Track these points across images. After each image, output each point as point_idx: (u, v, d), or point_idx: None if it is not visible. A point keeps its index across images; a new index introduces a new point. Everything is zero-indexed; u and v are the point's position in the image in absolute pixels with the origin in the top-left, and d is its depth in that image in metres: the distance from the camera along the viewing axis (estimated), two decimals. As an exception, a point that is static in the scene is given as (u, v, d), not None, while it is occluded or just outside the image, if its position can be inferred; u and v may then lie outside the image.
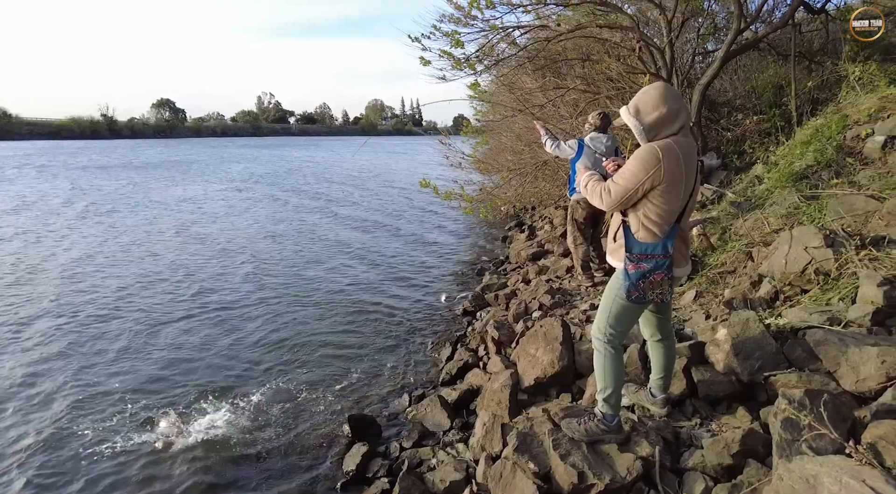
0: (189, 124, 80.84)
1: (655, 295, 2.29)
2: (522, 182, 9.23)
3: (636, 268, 2.28)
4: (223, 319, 5.97)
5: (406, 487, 2.89)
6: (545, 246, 7.61)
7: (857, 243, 3.19)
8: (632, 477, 2.34)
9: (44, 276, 7.50)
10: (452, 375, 4.36)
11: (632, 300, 2.34)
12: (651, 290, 2.28)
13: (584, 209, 5.06)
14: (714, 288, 4.06)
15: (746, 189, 5.50)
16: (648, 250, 2.27)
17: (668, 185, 2.17)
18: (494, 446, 3.03)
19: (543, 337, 3.61)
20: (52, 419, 3.94)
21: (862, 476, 1.68)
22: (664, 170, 2.14)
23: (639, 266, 2.28)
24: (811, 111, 6.15)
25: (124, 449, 3.60)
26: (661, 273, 2.25)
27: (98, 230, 10.72)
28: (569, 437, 2.58)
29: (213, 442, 3.67)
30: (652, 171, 2.16)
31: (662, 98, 2.18)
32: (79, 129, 59.96)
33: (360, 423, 3.67)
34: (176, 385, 4.46)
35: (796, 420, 2.08)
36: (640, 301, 2.33)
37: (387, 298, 6.76)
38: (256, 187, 18.99)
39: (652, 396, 2.79)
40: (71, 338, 5.37)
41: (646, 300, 2.31)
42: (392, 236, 10.72)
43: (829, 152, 4.76)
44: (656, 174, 2.15)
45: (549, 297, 5.03)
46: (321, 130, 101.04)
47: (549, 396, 3.46)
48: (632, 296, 2.32)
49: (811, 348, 2.62)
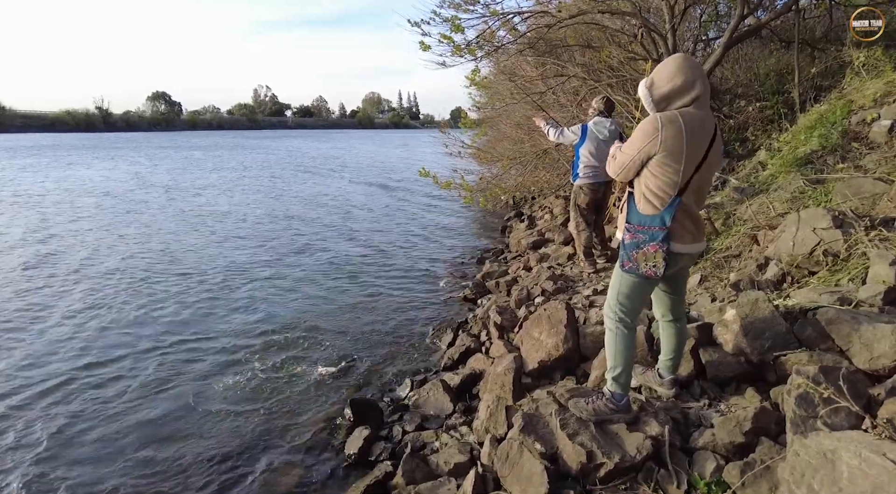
0: (185, 117, 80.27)
1: (648, 268, 2.25)
2: (522, 171, 9.18)
3: (632, 238, 2.28)
4: (219, 303, 5.91)
5: (409, 469, 2.85)
6: (545, 235, 7.56)
7: (866, 224, 3.15)
8: (641, 456, 2.30)
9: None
10: (454, 360, 4.31)
11: (624, 270, 2.33)
12: (644, 261, 2.24)
13: (586, 195, 5.01)
14: (719, 272, 4.02)
15: (750, 175, 5.46)
16: (645, 221, 2.24)
17: (666, 155, 2.13)
18: (499, 428, 2.98)
19: (548, 320, 3.56)
20: (60, 397, 3.90)
21: (882, 450, 1.64)
22: (661, 139, 2.11)
23: (635, 236, 2.27)
24: (814, 98, 6.10)
25: (124, 420, 3.58)
26: (655, 245, 2.21)
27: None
28: (576, 417, 2.53)
29: (215, 425, 3.63)
30: (648, 140, 2.14)
31: (679, 70, 2.14)
32: (73, 121, 59.52)
33: (361, 407, 3.62)
34: (172, 369, 4.41)
35: (811, 397, 2.04)
36: (633, 272, 2.29)
37: (386, 286, 6.71)
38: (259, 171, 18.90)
39: (660, 377, 2.75)
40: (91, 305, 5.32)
41: (638, 273, 2.28)
42: (391, 225, 10.66)
43: (834, 137, 4.72)
44: (652, 144, 2.13)
45: (552, 283, 4.99)
46: (318, 124, 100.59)
47: (553, 379, 3.42)
48: (624, 266, 2.32)
49: (822, 327, 2.57)
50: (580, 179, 5.01)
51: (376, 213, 12.15)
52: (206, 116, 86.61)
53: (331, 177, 19.86)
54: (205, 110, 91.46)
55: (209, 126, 78.72)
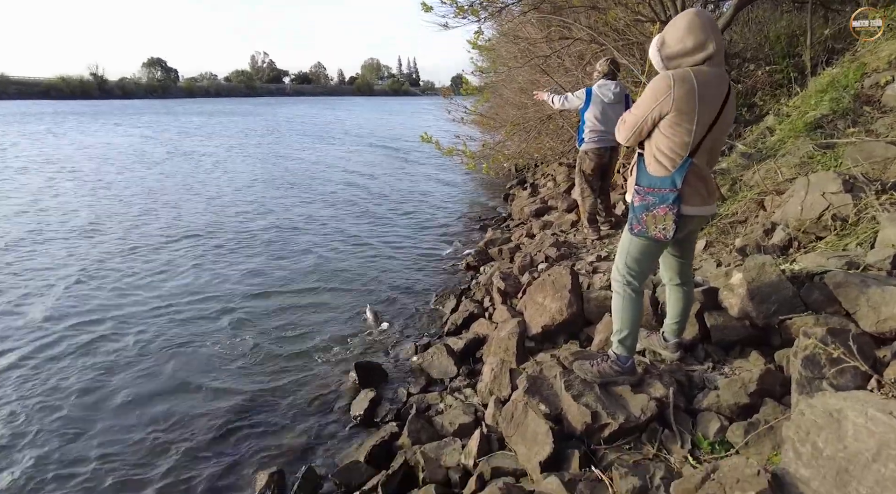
0: (181, 84, 78.77)
1: (658, 231, 2.21)
2: (526, 138, 9.04)
3: (642, 200, 2.23)
4: (224, 268, 5.92)
5: (415, 430, 2.89)
6: (548, 202, 7.51)
7: (877, 188, 3.11)
8: (646, 417, 2.33)
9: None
10: (458, 325, 4.33)
11: (633, 233, 2.29)
12: (654, 224, 2.21)
13: (592, 160, 4.93)
14: (724, 238, 3.99)
15: (757, 141, 5.38)
16: (656, 183, 2.20)
17: (678, 114, 2.07)
18: (503, 390, 3.01)
19: (552, 285, 3.56)
20: (64, 354, 3.94)
21: (889, 409, 1.64)
22: (674, 98, 2.05)
23: (644, 198, 2.22)
24: (826, 61, 5.96)
25: (128, 382, 3.62)
26: (666, 208, 2.17)
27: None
28: (581, 379, 2.55)
29: (221, 387, 3.68)
30: (661, 98, 2.08)
31: (689, 29, 2.06)
32: (68, 88, 58.34)
33: (366, 370, 3.66)
34: (178, 332, 4.44)
35: (817, 359, 2.04)
36: (642, 235, 2.26)
37: (388, 253, 6.70)
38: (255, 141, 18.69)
39: (664, 340, 2.75)
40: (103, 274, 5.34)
41: (648, 235, 2.24)
42: (393, 193, 10.59)
43: (845, 101, 4.62)
44: (665, 102, 2.07)
45: (555, 249, 4.97)
46: (316, 90, 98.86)
47: (556, 343, 3.44)
48: (634, 229, 2.28)
49: (829, 291, 2.56)
50: (585, 144, 4.93)
51: (378, 180, 12.05)
52: (203, 83, 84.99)
53: (332, 144, 19.65)
54: (202, 77, 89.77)
55: (206, 93, 77.32)
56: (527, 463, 2.34)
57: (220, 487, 2.77)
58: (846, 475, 1.60)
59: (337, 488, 2.65)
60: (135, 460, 2.98)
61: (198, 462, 2.95)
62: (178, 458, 2.98)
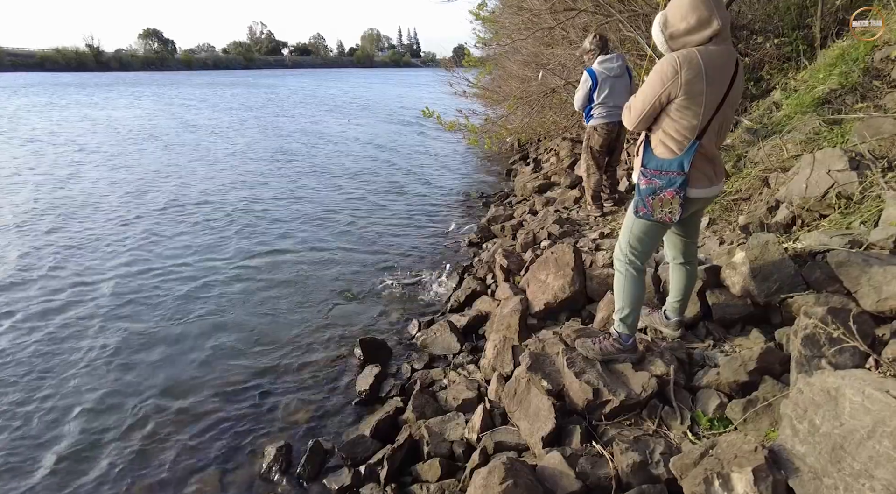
0: (180, 57, 77.45)
1: (664, 214, 2.21)
2: (529, 112, 8.94)
3: (648, 184, 2.22)
4: (224, 243, 5.95)
5: (419, 404, 2.95)
6: (551, 178, 7.48)
7: (883, 166, 3.09)
8: (647, 394, 2.37)
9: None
10: (461, 302, 4.37)
11: (638, 216, 2.29)
12: (660, 208, 2.20)
13: (600, 136, 4.89)
14: (728, 215, 3.99)
15: (763, 116, 5.31)
16: (663, 166, 2.18)
17: (686, 98, 2.05)
18: (505, 366, 3.06)
19: (555, 263, 3.58)
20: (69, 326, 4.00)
21: (886, 387, 1.67)
22: (682, 82, 2.02)
23: (651, 182, 2.21)
24: (836, 33, 5.83)
25: (128, 365, 3.68)
26: (672, 191, 2.16)
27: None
28: (583, 356, 2.59)
29: (226, 363, 3.74)
30: (669, 82, 2.04)
31: (693, 6, 2.01)
32: (64, 60, 57.32)
33: (371, 346, 3.71)
34: (181, 308, 4.50)
35: (817, 338, 2.07)
36: (647, 218, 2.26)
37: (391, 230, 6.71)
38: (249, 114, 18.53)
39: (666, 318, 2.78)
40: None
41: (653, 218, 2.24)
42: (394, 169, 10.52)
43: (855, 75, 4.55)
44: (673, 86, 2.04)
45: (558, 226, 4.98)
46: (316, 62, 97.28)
47: (558, 321, 3.48)
48: (639, 212, 2.28)
49: (831, 269, 2.57)
50: (594, 119, 4.88)
51: (379, 156, 11.95)
52: (201, 55, 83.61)
53: (333, 117, 19.43)
54: (200, 49, 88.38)
55: (205, 66, 76.11)
56: (529, 438, 2.40)
57: (229, 460, 2.85)
58: (841, 451, 1.64)
59: (343, 461, 2.72)
60: (141, 435, 3.05)
61: (208, 435, 3.03)
62: (185, 433, 3.05)
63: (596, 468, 2.08)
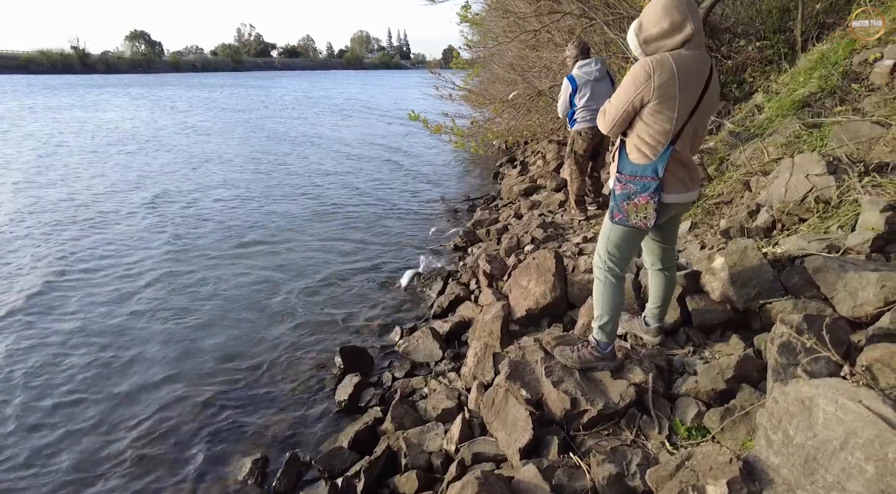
0: (167, 59, 76.82)
1: (639, 219, 2.20)
2: (515, 115, 8.94)
3: (623, 189, 2.21)
4: (207, 251, 5.87)
5: (398, 415, 2.91)
6: (537, 181, 7.46)
7: (860, 170, 3.10)
8: (625, 403, 2.35)
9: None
10: (444, 308, 4.34)
11: (614, 222, 2.28)
12: (634, 213, 2.19)
13: (584, 140, 4.88)
14: (709, 219, 3.99)
15: (745, 119, 5.33)
16: (638, 171, 2.18)
17: (659, 102, 2.04)
18: (486, 374, 3.03)
19: (536, 269, 3.56)
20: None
21: (858, 397, 1.66)
22: (655, 85, 2.01)
23: (626, 187, 2.20)
24: (817, 37, 5.88)
25: (103, 375, 3.61)
26: (647, 196, 2.15)
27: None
28: (561, 364, 2.57)
29: (205, 373, 3.68)
30: (642, 86, 2.04)
31: (666, 11, 2.02)
32: (48, 62, 56.68)
33: (351, 355, 3.67)
34: (161, 315, 4.42)
35: (793, 345, 2.05)
36: (623, 223, 2.25)
37: (376, 234, 6.66)
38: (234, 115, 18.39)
39: (646, 325, 2.76)
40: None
41: (628, 224, 2.23)
42: (380, 173, 10.46)
43: (834, 79, 4.58)
44: (646, 90, 2.03)
45: (542, 231, 4.96)
46: (305, 64, 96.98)
47: (540, 327, 3.45)
48: (615, 218, 2.27)
49: (808, 275, 2.57)
50: (578, 124, 4.87)
51: (366, 160, 11.88)
52: (189, 57, 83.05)
53: (322, 120, 19.34)
54: (187, 51, 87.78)
55: (193, 68, 75.57)
56: (507, 449, 2.37)
57: (203, 473, 2.79)
58: (814, 463, 1.63)
59: (320, 474, 2.68)
60: (117, 447, 2.98)
61: (181, 448, 2.97)
62: (160, 445, 2.99)
63: (572, 480, 2.05)
